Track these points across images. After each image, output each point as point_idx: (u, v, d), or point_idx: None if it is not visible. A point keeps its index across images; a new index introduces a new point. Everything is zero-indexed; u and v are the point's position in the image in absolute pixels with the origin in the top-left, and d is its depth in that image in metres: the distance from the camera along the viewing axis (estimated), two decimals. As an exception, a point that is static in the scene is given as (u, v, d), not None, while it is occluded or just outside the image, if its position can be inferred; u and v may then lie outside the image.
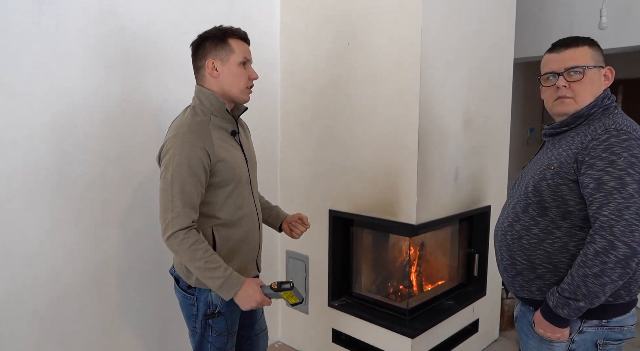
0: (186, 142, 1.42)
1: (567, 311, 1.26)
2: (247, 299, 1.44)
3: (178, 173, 1.40)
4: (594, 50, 1.38)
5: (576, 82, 1.36)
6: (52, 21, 1.84)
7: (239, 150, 1.59)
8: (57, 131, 1.89)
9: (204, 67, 1.53)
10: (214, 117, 1.53)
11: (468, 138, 2.49)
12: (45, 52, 1.83)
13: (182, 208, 1.40)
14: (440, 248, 2.76)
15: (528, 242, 1.38)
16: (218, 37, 1.51)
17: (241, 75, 1.53)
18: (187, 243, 1.40)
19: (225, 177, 1.50)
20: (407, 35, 2.13)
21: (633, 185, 1.18)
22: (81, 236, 2.00)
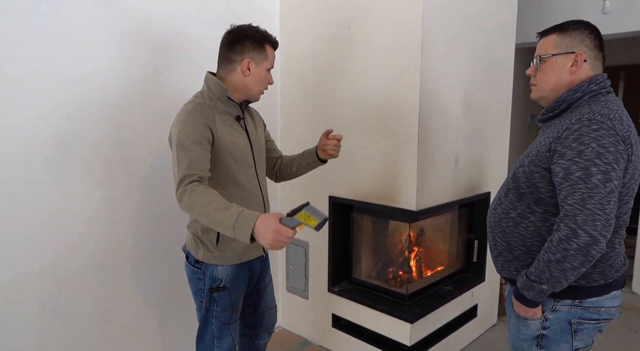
0: (190, 118, 1.50)
1: (532, 293, 1.32)
2: (266, 233, 1.26)
3: (183, 142, 1.46)
4: (562, 37, 1.39)
5: (539, 70, 1.45)
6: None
7: (243, 134, 1.65)
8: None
9: (239, 63, 1.60)
10: (219, 102, 1.60)
11: (469, 123, 2.48)
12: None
13: (187, 168, 1.42)
14: (439, 234, 2.77)
15: (506, 224, 1.45)
16: (259, 40, 1.60)
17: (265, 80, 1.66)
18: (193, 195, 1.36)
19: (226, 156, 1.56)
20: (408, 18, 2.11)
21: (598, 175, 1.21)
22: (83, 223, 2.00)
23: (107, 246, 2.09)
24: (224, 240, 1.61)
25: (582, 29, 1.39)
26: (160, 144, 2.22)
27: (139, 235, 2.20)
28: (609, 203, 1.20)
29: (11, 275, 1.83)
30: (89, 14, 1.93)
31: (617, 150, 1.23)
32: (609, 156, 1.22)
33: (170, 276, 2.34)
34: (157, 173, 2.22)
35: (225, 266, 1.64)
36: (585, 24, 1.40)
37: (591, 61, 1.38)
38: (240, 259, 1.67)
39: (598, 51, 1.39)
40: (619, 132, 1.24)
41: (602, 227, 1.19)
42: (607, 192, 1.20)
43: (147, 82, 2.15)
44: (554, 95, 1.42)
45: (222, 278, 1.64)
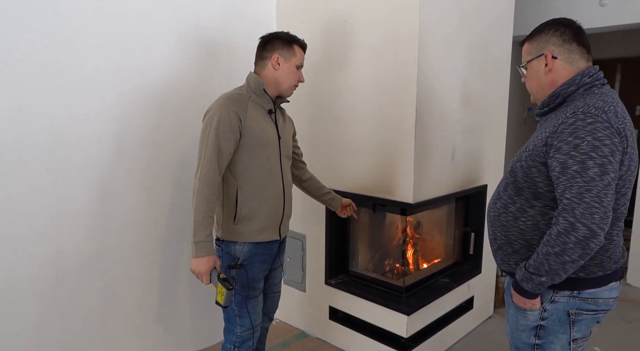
0: (223, 106, 1.70)
1: (531, 285, 1.34)
2: (198, 265, 1.65)
3: (213, 128, 1.66)
4: (531, 43, 1.45)
5: (526, 78, 1.50)
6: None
7: (272, 126, 1.82)
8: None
9: (269, 58, 1.80)
10: (255, 96, 1.79)
11: (466, 116, 2.48)
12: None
13: (210, 155, 1.65)
14: (436, 227, 2.78)
15: (505, 219, 1.46)
16: (287, 40, 1.81)
17: (294, 75, 1.84)
18: (202, 195, 1.64)
19: (252, 141, 1.73)
20: (405, 12, 2.10)
21: (594, 168, 1.21)
22: (81, 218, 2.00)
23: (105, 241, 2.09)
24: (240, 217, 1.76)
25: (547, 29, 1.41)
26: (162, 141, 2.22)
27: (138, 229, 2.20)
28: (607, 196, 1.21)
29: (10, 270, 1.83)
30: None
31: (613, 142, 1.23)
32: (605, 149, 1.22)
33: (169, 270, 2.34)
34: (154, 168, 2.22)
35: (243, 245, 1.78)
36: (554, 22, 1.42)
37: (564, 56, 1.38)
38: (256, 238, 1.80)
39: (571, 43, 1.38)
40: (613, 125, 1.24)
41: (600, 219, 1.20)
42: (604, 185, 1.21)
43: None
44: (544, 94, 1.45)
45: (240, 256, 1.78)
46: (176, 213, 2.33)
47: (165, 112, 2.23)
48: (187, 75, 2.29)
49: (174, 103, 2.26)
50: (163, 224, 2.29)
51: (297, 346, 2.65)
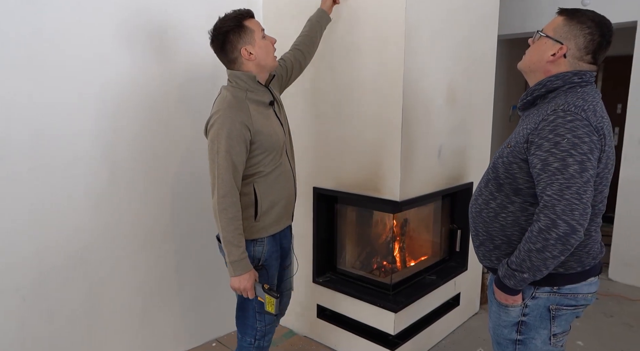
0: (227, 118, 1.60)
1: (513, 282, 1.35)
2: (241, 282, 1.65)
3: (222, 145, 1.59)
4: (565, 24, 1.37)
5: (533, 44, 1.45)
6: None
7: (275, 119, 1.77)
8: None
9: (239, 57, 1.68)
10: (250, 92, 1.70)
11: (452, 114, 2.50)
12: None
13: (225, 174, 1.60)
14: (423, 224, 2.79)
15: (487, 215, 1.47)
16: (237, 26, 1.65)
17: (268, 46, 1.72)
18: (226, 215, 1.61)
19: (265, 146, 1.69)
20: (392, 10, 2.10)
21: (574, 166, 1.23)
22: (65, 215, 1.97)
23: (90, 240, 2.07)
24: (262, 212, 1.74)
25: (586, 25, 1.34)
26: (143, 137, 2.19)
27: (123, 228, 2.17)
28: (586, 193, 1.23)
29: (-11, 270, 1.80)
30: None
31: (592, 140, 1.25)
32: (584, 146, 1.24)
33: (155, 270, 2.32)
34: (140, 165, 2.20)
35: (262, 244, 1.77)
36: (598, 22, 1.35)
37: (572, 60, 1.36)
38: (275, 229, 1.80)
39: (586, 53, 1.36)
40: (592, 123, 1.26)
41: (579, 216, 1.21)
42: (584, 182, 1.23)
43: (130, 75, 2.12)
44: (531, 75, 1.43)
45: (260, 258, 1.77)
46: (162, 212, 2.31)
47: (151, 111, 2.21)
48: (172, 74, 2.27)
49: (159, 101, 2.23)
50: (149, 223, 2.27)
51: (286, 345, 2.65)
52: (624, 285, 3.57)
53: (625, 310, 3.15)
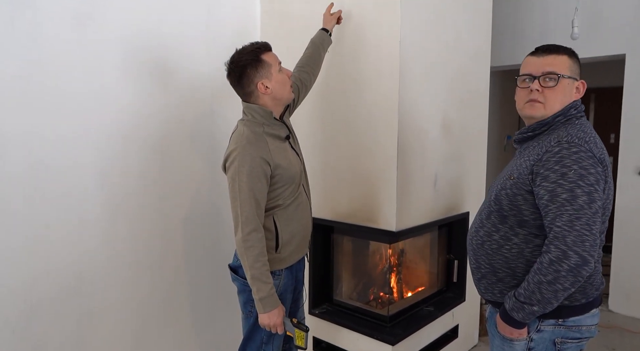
0: (246, 154, 1.60)
1: (522, 314, 1.32)
2: (271, 318, 1.65)
3: (244, 182, 1.59)
4: (573, 62, 1.41)
5: (549, 89, 1.38)
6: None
7: (292, 152, 1.79)
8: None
9: (255, 90, 1.69)
10: (266, 126, 1.70)
11: (447, 145, 2.52)
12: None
13: (249, 211, 1.61)
14: (420, 255, 2.78)
15: (490, 247, 1.45)
16: (254, 59, 1.65)
17: (284, 80, 1.73)
18: (253, 252, 1.61)
19: (284, 179, 1.70)
20: (386, 44, 2.15)
21: (583, 197, 1.23)
22: (56, 246, 1.95)
23: (83, 271, 2.04)
24: (283, 243, 1.74)
25: (577, 59, 1.43)
26: (144, 171, 2.20)
27: (116, 259, 2.15)
28: (595, 224, 1.23)
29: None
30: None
31: (597, 171, 1.26)
32: (591, 178, 1.25)
33: (147, 301, 2.28)
34: (135, 197, 2.19)
35: (280, 279, 1.76)
36: (576, 55, 1.44)
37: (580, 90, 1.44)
38: (294, 259, 1.81)
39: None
40: (596, 154, 1.28)
41: (590, 247, 1.21)
42: (593, 213, 1.23)
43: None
44: (554, 111, 1.39)
45: (276, 291, 1.72)
46: (156, 243, 2.29)
47: (149, 142, 2.22)
48: (170, 106, 2.29)
49: (158, 133, 2.25)
50: (142, 254, 2.24)
51: (280, 379, 2.58)
52: (625, 317, 3.52)
53: (627, 343, 3.10)
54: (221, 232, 2.53)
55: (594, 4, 3.51)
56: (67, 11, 1.90)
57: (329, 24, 2.22)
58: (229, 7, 2.53)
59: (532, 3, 3.88)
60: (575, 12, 3.11)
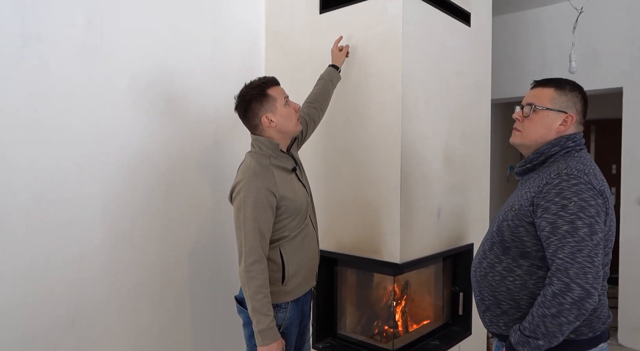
0: (252, 185, 1.62)
1: (528, 349, 1.30)
2: (270, 349, 1.63)
3: (249, 213, 1.60)
4: (559, 94, 1.43)
5: (527, 118, 1.46)
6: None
7: (298, 183, 1.80)
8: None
9: (260, 123, 1.72)
10: (273, 158, 1.72)
11: (450, 176, 2.53)
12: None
13: (253, 242, 1.61)
14: (424, 287, 2.74)
15: (493, 278, 1.44)
16: (259, 94, 1.69)
17: (290, 113, 1.74)
18: (255, 283, 1.60)
19: (290, 211, 1.71)
20: (389, 74, 2.19)
21: (584, 228, 1.24)
22: (56, 276, 1.93)
23: (82, 304, 2.01)
24: (289, 275, 1.73)
25: (577, 92, 1.44)
26: (146, 203, 2.20)
27: (115, 291, 2.12)
28: (597, 256, 1.23)
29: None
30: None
31: (597, 203, 1.27)
32: (591, 209, 1.25)
33: (148, 334, 2.24)
34: (137, 229, 2.19)
35: (285, 312, 1.75)
36: (580, 88, 1.45)
37: (576, 125, 1.44)
38: (301, 291, 1.79)
39: (582, 117, 1.45)
40: (595, 186, 1.29)
41: (593, 279, 1.20)
42: (594, 245, 1.23)
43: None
44: (535, 146, 1.46)
45: (281, 324, 1.73)
46: (156, 276, 2.27)
47: (154, 175, 2.23)
48: (175, 139, 2.31)
49: (163, 165, 2.26)
50: (142, 288, 2.22)
51: None
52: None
53: (638, 378, 3.02)
54: (225, 264, 2.52)
55: (591, 38, 3.59)
56: (75, 45, 1.95)
57: (338, 61, 2.24)
58: (234, 41, 2.59)
59: (529, 38, 3.97)
60: (572, 46, 3.19)
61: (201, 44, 2.42)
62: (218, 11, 2.50)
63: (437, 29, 2.41)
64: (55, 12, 1.89)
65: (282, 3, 2.68)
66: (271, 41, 2.73)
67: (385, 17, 2.21)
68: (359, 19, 2.31)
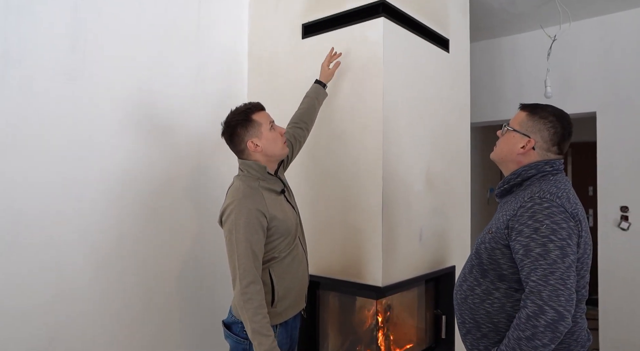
0: (243, 207, 1.63)
1: None
2: None
3: (241, 234, 1.60)
4: (529, 119, 1.48)
5: (502, 136, 1.56)
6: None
7: (287, 205, 1.81)
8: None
9: (246, 148, 1.74)
10: (262, 181, 1.74)
11: (431, 198, 2.55)
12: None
13: (246, 264, 1.59)
14: (407, 310, 2.73)
15: (472, 301, 1.45)
16: (244, 119, 1.72)
17: (275, 138, 1.77)
18: (252, 304, 1.58)
19: (280, 231, 1.71)
20: (370, 97, 2.22)
21: (556, 251, 1.26)
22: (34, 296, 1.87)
23: (59, 328, 1.95)
24: (279, 297, 1.72)
25: (548, 120, 1.45)
26: (126, 221, 2.17)
27: (96, 318, 2.06)
28: (569, 278, 1.24)
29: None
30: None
31: (569, 226, 1.29)
32: (563, 232, 1.27)
33: None
34: (119, 249, 2.14)
35: (274, 333, 1.69)
36: (558, 116, 1.46)
37: (540, 151, 1.46)
38: (290, 314, 1.78)
39: (552, 145, 1.46)
40: (567, 209, 1.31)
41: (565, 302, 1.21)
42: (566, 267, 1.24)
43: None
44: (504, 165, 1.52)
45: None
46: (138, 301, 2.21)
47: (138, 197, 2.20)
48: (159, 161, 2.30)
49: (147, 188, 2.23)
50: (124, 312, 2.16)
51: None
52: (617, 372, 3.45)
53: (620, 400, 3.02)
54: (210, 288, 2.48)
55: (565, 65, 3.72)
56: (58, 66, 1.95)
57: (326, 77, 2.24)
58: (218, 66, 2.61)
59: (506, 63, 4.09)
60: (547, 72, 3.29)
61: (185, 68, 2.43)
62: (202, 36, 2.52)
63: (417, 55, 2.47)
64: (38, 35, 1.89)
65: (265, 28, 2.72)
66: (254, 66, 2.76)
67: (366, 42, 2.25)
68: (340, 44, 2.35)
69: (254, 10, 2.79)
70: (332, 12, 2.39)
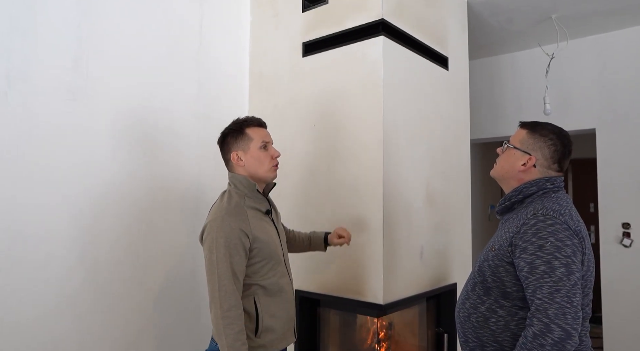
0: (225, 225, 1.55)
1: None
2: None
3: (222, 254, 1.53)
4: (529, 137, 1.49)
5: (502, 154, 1.57)
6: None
7: (272, 227, 1.73)
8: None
9: (230, 159, 1.70)
10: (248, 199, 1.67)
11: (432, 215, 2.55)
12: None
13: (227, 285, 1.52)
14: (408, 328, 2.70)
15: (476, 319, 1.43)
16: (236, 130, 1.69)
17: (264, 158, 1.69)
18: (232, 329, 1.50)
19: (264, 254, 1.63)
20: (370, 115, 2.24)
21: (561, 268, 1.25)
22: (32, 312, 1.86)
23: (53, 343, 1.92)
24: (263, 328, 1.62)
25: (548, 138, 1.47)
26: (124, 240, 2.16)
27: (94, 333, 2.04)
28: (575, 296, 1.23)
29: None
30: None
31: (573, 243, 1.29)
32: (567, 249, 1.27)
33: (122, 382, 2.14)
34: (117, 272, 2.13)
35: None
36: (558, 134, 1.48)
37: (541, 168, 1.47)
38: (279, 346, 1.67)
39: (553, 163, 1.47)
40: (571, 226, 1.31)
41: (572, 320, 1.20)
42: (572, 285, 1.24)
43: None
44: (504, 182, 1.53)
45: None
46: (134, 320, 2.20)
47: (136, 215, 2.20)
48: (157, 178, 2.30)
49: (144, 205, 2.24)
50: (119, 331, 2.14)
51: None
52: (622, 392, 3.40)
53: None
54: (205, 309, 2.45)
55: (563, 82, 3.75)
56: (61, 84, 1.97)
57: (332, 241, 2.02)
58: (218, 83, 2.64)
59: (506, 80, 4.12)
60: (546, 90, 3.31)
61: (186, 85, 2.46)
62: (203, 54, 2.55)
63: (417, 73, 2.49)
64: (41, 54, 1.91)
65: (266, 46, 2.76)
66: (255, 83, 2.79)
67: (366, 61, 2.28)
68: (340, 62, 2.38)
69: (255, 29, 2.83)
70: (333, 31, 2.42)
